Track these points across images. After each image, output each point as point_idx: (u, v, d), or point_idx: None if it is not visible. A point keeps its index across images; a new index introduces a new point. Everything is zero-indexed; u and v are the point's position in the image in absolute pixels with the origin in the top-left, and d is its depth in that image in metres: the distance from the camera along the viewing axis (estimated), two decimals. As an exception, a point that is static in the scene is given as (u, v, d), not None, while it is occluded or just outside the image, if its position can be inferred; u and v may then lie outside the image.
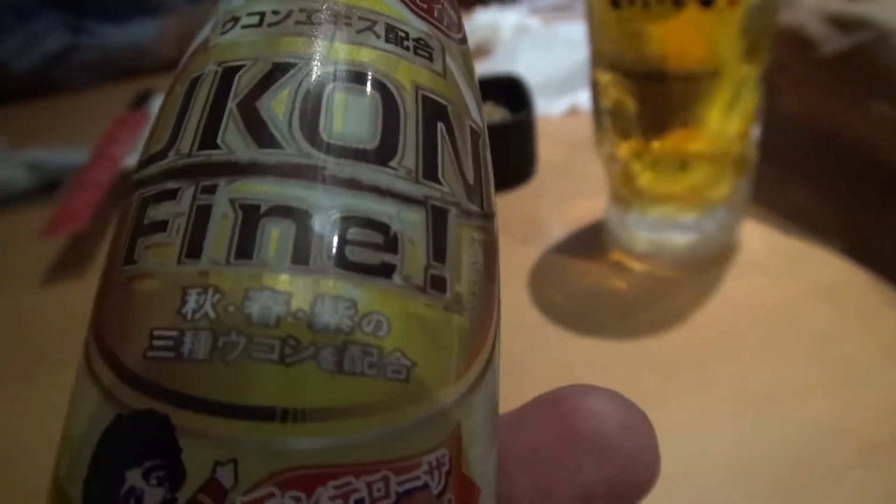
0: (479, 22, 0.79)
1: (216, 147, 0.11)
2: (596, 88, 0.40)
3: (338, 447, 0.10)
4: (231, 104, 0.11)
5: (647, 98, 0.37)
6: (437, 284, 0.11)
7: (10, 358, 0.49)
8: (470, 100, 0.13)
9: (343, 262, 0.10)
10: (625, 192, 0.42)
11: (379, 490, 0.10)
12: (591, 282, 0.44)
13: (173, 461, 0.09)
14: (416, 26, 0.13)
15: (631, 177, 0.41)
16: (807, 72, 0.45)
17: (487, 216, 0.13)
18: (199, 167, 0.11)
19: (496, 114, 0.57)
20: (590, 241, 0.47)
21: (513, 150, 0.54)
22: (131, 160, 0.65)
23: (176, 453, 0.09)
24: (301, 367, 0.10)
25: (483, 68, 0.72)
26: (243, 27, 0.12)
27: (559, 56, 0.66)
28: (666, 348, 0.39)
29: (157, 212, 0.11)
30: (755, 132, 0.40)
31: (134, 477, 0.09)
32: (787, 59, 0.44)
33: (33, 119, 0.96)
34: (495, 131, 0.52)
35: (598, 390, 0.13)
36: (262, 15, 0.12)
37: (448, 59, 0.13)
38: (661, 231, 0.42)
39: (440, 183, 0.12)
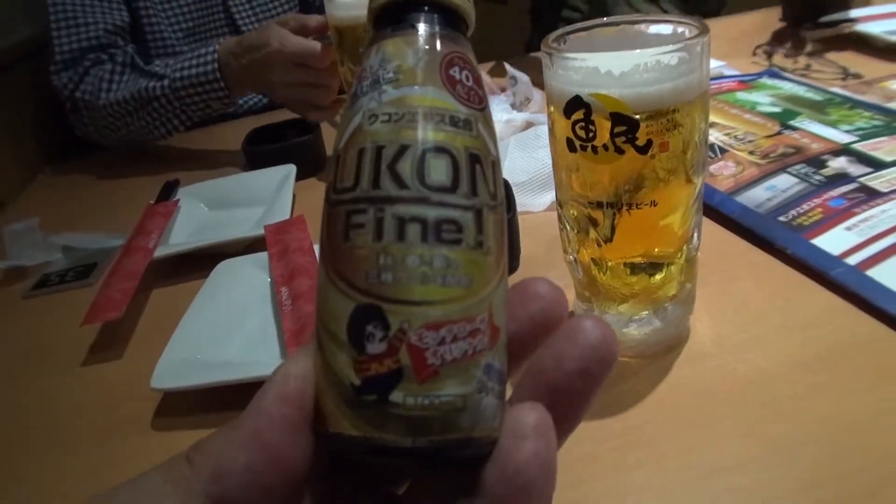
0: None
1: (380, 188, 0.22)
2: (560, 207, 0.48)
3: (445, 314, 0.21)
4: (384, 166, 0.22)
5: (600, 219, 0.45)
6: (480, 244, 0.22)
7: (51, 433, 0.56)
8: (491, 144, 0.23)
9: (439, 238, 0.21)
10: (586, 294, 0.49)
11: (464, 328, 0.21)
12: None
13: (384, 318, 0.21)
14: (462, 111, 0.23)
15: (591, 280, 0.48)
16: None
17: (500, 204, 0.23)
18: (373, 198, 0.22)
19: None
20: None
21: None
22: (163, 251, 0.73)
23: (383, 309, 0.21)
24: (432, 286, 0.21)
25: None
26: (381, 122, 0.22)
27: (542, 156, 0.74)
28: (623, 427, 0.46)
29: (357, 218, 0.22)
30: (696, 239, 0.48)
31: (370, 328, 0.21)
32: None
33: (67, 204, 1.05)
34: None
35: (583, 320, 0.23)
36: (390, 115, 0.22)
37: (479, 126, 0.23)
38: (619, 325, 0.49)
39: (478, 196, 0.22)
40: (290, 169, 0.85)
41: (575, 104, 0.42)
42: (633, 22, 0.47)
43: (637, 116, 0.40)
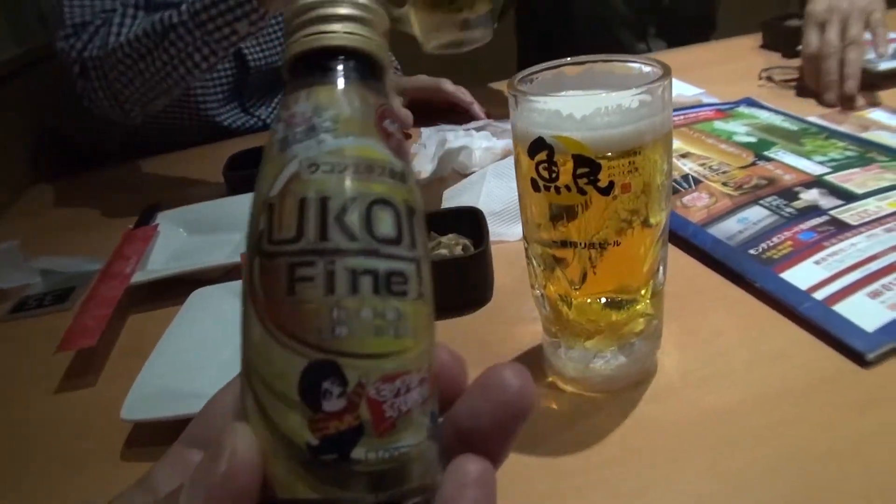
0: (453, 145, 0.88)
1: (328, 240, 0.21)
2: (526, 243, 0.48)
3: (399, 365, 0.22)
4: (330, 217, 0.22)
5: (564, 258, 0.45)
6: (422, 294, 0.22)
7: (24, 461, 0.56)
8: (418, 196, 0.24)
9: (390, 290, 0.21)
10: (553, 329, 0.50)
11: (414, 378, 0.22)
12: (530, 402, 0.51)
13: (341, 373, 0.21)
14: (398, 164, 0.23)
15: (558, 315, 0.49)
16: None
17: (428, 255, 0.24)
18: (322, 250, 0.21)
19: (459, 244, 0.65)
20: (532, 364, 0.54)
21: (469, 280, 0.62)
22: (140, 276, 0.73)
23: (339, 364, 0.21)
24: (386, 338, 0.22)
25: (455, 195, 0.81)
26: (324, 172, 0.22)
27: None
28: (586, 464, 0.46)
29: (304, 270, 0.21)
30: (661, 275, 0.49)
31: (326, 384, 0.21)
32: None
33: (46, 227, 1.04)
34: (455, 264, 0.62)
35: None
36: (332, 165, 0.22)
37: (410, 178, 0.23)
38: (586, 361, 0.49)
39: (416, 247, 0.23)
40: (270, 194, 0.85)
41: (538, 145, 0.42)
42: (599, 61, 0.48)
43: (599, 158, 0.41)
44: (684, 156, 0.79)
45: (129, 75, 0.98)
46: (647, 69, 0.45)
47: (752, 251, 0.62)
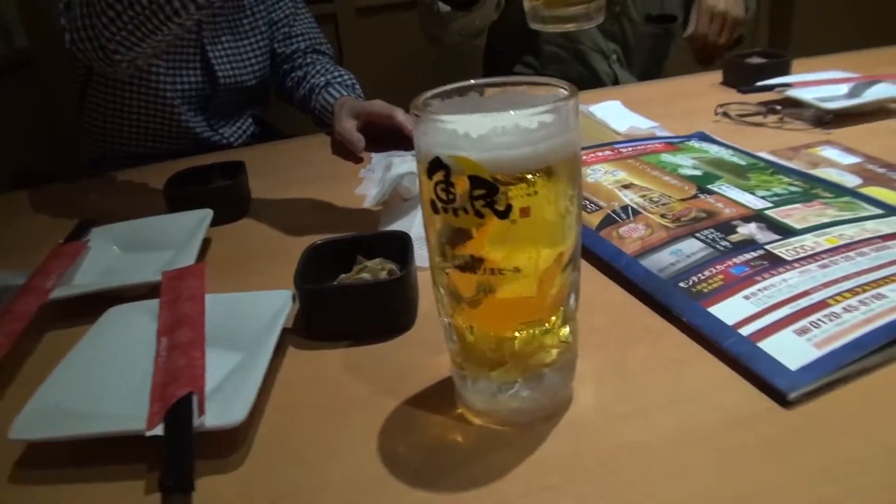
0: (398, 170, 0.87)
1: None
2: (433, 270, 0.46)
3: None
4: None
5: (464, 284, 0.43)
6: None
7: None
8: None
9: None
10: (458, 360, 0.48)
11: None
12: (435, 434, 0.49)
13: None
14: None
15: (464, 345, 0.47)
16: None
17: None
18: None
19: (385, 268, 0.63)
20: (444, 394, 0.52)
21: (392, 305, 0.60)
22: (60, 292, 0.71)
23: None
24: None
25: (392, 219, 0.79)
26: None
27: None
28: (487, 500, 0.43)
29: None
30: (573, 304, 0.47)
31: None
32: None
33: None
34: (378, 288, 0.59)
35: None
36: None
37: None
38: (494, 393, 0.47)
39: None
40: (207, 213, 0.83)
41: (435, 165, 0.40)
42: (516, 84, 0.46)
43: (496, 180, 0.39)
44: (626, 186, 0.78)
45: (111, 14, 0.93)
46: (558, 91, 0.44)
47: (682, 284, 0.60)
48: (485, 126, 0.39)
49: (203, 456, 0.48)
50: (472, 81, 0.45)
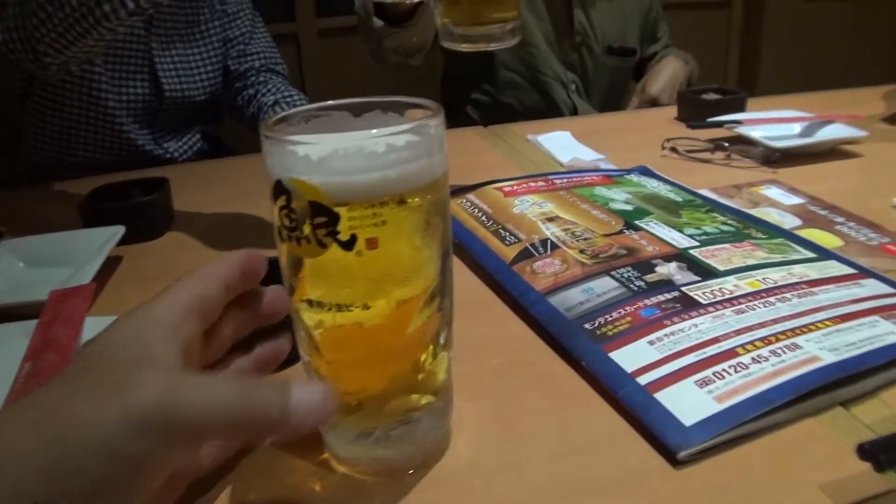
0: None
1: None
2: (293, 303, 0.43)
3: None
4: None
5: (314, 319, 0.39)
6: None
7: None
8: None
9: None
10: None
11: None
12: (293, 482, 0.45)
13: None
14: None
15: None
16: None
17: None
18: None
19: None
20: (314, 439, 0.48)
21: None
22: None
23: None
24: None
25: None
26: None
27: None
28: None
29: None
30: (443, 343, 0.43)
31: None
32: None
33: None
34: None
35: None
36: None
37: None
38: (354, 439, 0.43)
39: None
40: (118, 230, 0.79)
41: (278, 189, 0.37)
42: (387, 106, 0.43)
43: (337, 207, 0.36)
44: (551, 219, 0.75)
45: (41, 15, 0.91)
46: (419, 115, 0.40)
47: (587, 325, 0.57)
48: (326, 148, 0.36)
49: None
50: (338, 102, 0.42)
